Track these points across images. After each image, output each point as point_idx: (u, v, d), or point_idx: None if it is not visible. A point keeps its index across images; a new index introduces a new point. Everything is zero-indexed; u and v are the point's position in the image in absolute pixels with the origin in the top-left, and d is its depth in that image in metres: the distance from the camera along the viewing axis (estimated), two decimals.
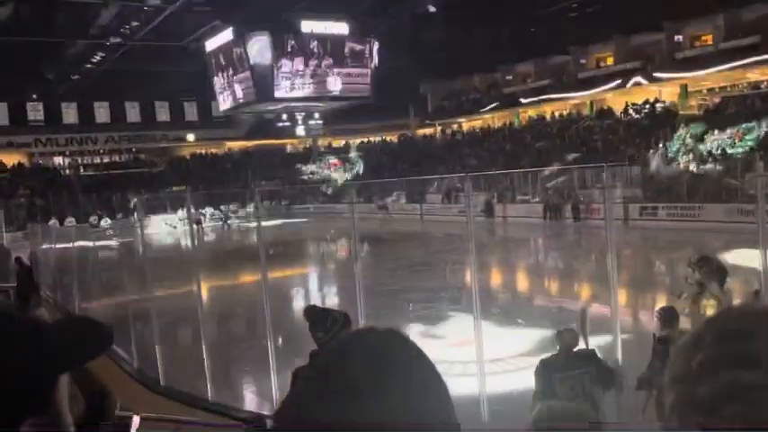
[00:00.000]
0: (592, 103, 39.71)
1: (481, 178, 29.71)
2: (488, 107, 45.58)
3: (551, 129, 39.37)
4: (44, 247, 17.81)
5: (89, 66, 39.64)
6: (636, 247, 18.91)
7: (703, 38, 35.32)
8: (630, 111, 35.96)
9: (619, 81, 36.78)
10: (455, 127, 49.57)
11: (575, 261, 17.99)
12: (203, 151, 52.98)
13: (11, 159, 45.78)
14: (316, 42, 40.50)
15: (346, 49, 41.55)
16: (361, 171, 42.61)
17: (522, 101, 42.65)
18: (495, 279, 15.65)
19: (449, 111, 49.12)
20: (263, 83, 39.44)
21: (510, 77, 45.59)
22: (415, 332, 9.18)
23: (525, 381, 5.42)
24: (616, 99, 37.88)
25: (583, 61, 41.17)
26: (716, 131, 25.68)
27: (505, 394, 6.34)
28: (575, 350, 4.88)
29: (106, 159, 49.77)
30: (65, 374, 0.79)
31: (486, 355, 5.89)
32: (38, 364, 0.74)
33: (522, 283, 16.52)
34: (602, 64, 40.60)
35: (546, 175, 29.55)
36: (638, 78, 35.87)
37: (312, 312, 4.08)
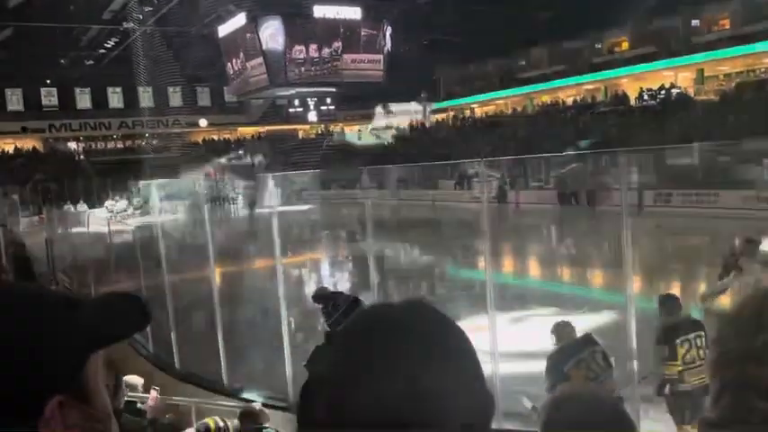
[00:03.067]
0: (606, 89, 39.33)
1: (494, 164, 29.53)
2: (501, 92, 45.29)
3: (565, 114, 39.05)
4: (60, 231, 17.96)
5: (102, 51, 39.76)
6: (650, 233, 18.77)
7: (721, 22, 34.80)
8: (645, 96, 35.57)
9: (634, 66, 36.38)
10: (467, 112, 49.29)
11: (589, 247, 17.89)
12: (216, 136, 53.11)
13: (26, 144, 46.15)
14: (328, 27, 40.33)
15: (359, 34, 41.34)
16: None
17: (536, 86, 42.34)
18: (509, 265, 15.62)
19: (461, 96, 48.83)
20: (275, 68, 39.39)
21: (524, 62, 45.23)
22: None
23: (539, 367, 5.42)
24: (631, 84, 37.47)
25: (598, 46, 40.74)
26: None
27: (518, 379, 6.34)
28: (575, 338, 4.99)
29: (120, 144, 50.11)
30: (98, 351, 0.76)
31: (500, 341, 5.88)
32: (68, 338, 0.73)
33: (535, 268, 16.47)
34: (616, 49, 40.16)
35: (560, 160, 29.33)
36: (654, 63, 35.46)
37: (322, 294, 4.07)
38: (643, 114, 33.17)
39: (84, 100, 47.91)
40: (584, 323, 7.30)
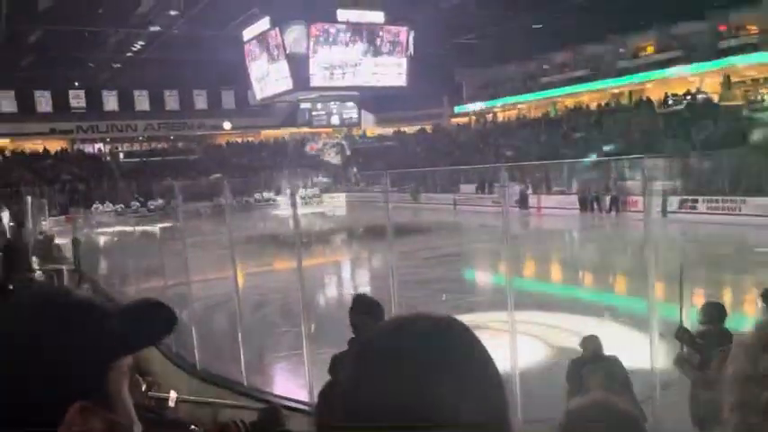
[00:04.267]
0: (630, 93, 38.94)
1: (516, 169, 29.41)
2: (524, 96, 45.07)
3: (589, 119, 38.71)
4: (85, 231, 18.24)
5: (129, 54, 40.33)
6: (674, 240, 18.53)
7: (747, 27, 34.27)
8: (670, 101, 35.12)
9: (658, 70, 35.98)
10: (490, 116, 49.11)
11: (611, 253, 17.71)
12: (239, 139, 53.59)
13: (54, 146, 46.96)
14: (351, 31, 40.48)
15: (382, 38, 41.43)
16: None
17: (559, 90, 42.09)
18: (530, 270, 15.51)
19: (483, 100, 48.68)
20: (298, 72, 39.60)
21: (547, 66, 44.97)
22: None
23: (559, 373, 5.38)
24: (655, 89, 37.04)
25: (622, 50, 40.37)
26: None
27: (538, 387, 6.28)
28: (600, 354, 5.04)
29: (145, 146, 50.79)
30: (123, 358, 0.76)
31: (520, 348, 5.84)
32: (91, 345, 0.73)
33: (557, 274, 16.34)
34: (641, 53, 39.74)
35: (582, 165, 29.11)
36: (679, 68, 35.03)
37: (365, 301, 3.96)
38: (668, 119, 32.78)
39: (111, 102, 48.66)
40: (604, 329, 7.23)
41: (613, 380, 4.68)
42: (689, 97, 34.36)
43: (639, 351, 5.20)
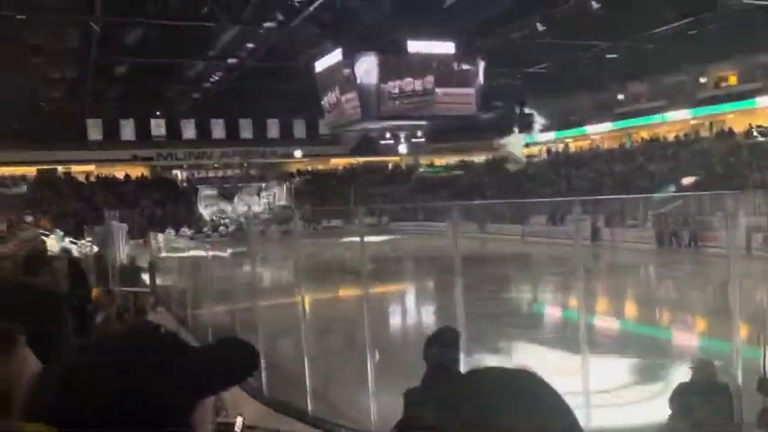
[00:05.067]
0: (711, 124, 37.52)
1: (588, 201, 28.71)
2: (597, 127, 44.17)
3: (665, 150, 37.51)
4: (162, 254, 18.95)
5: (207, 85, 42.07)
6: (760, 279, 17.55)
7: None
8: (755, 132, 33.61)
9: (743, 101, 34.58)
10: (561, 147, 48.32)
11: (690, 291, 16.93)
12: (309, 167, 54.74)
13: (136, 171, 49.34)
14: (422, 62, 40.89)
15: (452, 69, 41.63)
16: None
17: (634, 121, 41.03)
18: (602, 306, 15.00)
19: (555, 130, 48.00)
20: (368, 102, 40.20)
21: (621, 96, 44.00)
22: (517, 359, 8.95)
23: (633, 414, 5.15)
24: (738, 120, 35.56)
25: (703, 80, 39.05)
26: None
27: (612, 428, 6.02)
28: (712, 381, 4.75)
29: (220, 173, 52.61)
30: (206, 398, 0.77)
31: (592, 386, 5.63)
32: (175, 386, 0.74)
33: (631, 311, 15.75)
34: (722, 84, 38.33)
35: (659, 199, 28.14)
36: (764, 98, 33.56)
37: (453, 338, 3.83)
38: (753, 151, 31.37)
39: (189, 130, 50.75)
40: (677, 372, 6.88)
41: (725, 415, 4.39)
42: None
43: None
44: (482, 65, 41.66)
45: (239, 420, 5.89)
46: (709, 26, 28.02)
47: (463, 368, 3.50)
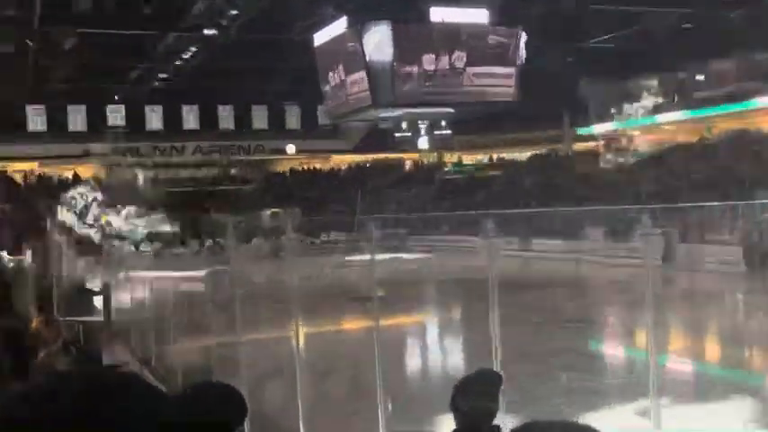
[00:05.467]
0: None
1: (659, 211, 28.61)
2: (670, 116, 44.07)
3: (759, 146, 37.33)
4: (118, 275, 19.08)
5: (178, 62, 42.06)
6: None
7: None
8: None
9: None
10: (624, 141, 48.22)
11: None
12: (305, 166, 54.95)
13: (87, 171, 49.53)
14: (448, 34, 40.95)
15: (486, 43, 41.66)
16: None
17: (718, 108, 40.88)
18: (677, 343, 14.96)
19: (616, 120, 47.92)
20: (380, 84, 40.26)
21: (701, 77, 43.87)
22: (572, 410, 8.93)
23: None
24: None
25: None
26: None
27: None
28: None
29: (195, 173, 52.64)
30: None
31: None
32: None
33: (713, 349, 15.67)
34: None
35: (750, 209, 28.07)
36: None
37: (488, 379, 3.78)
38: None
39: (154, 119, 51.15)
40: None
41: None
42: None
43: None
44: (523, 38, 41.69)
45: None
46: None
47: (502, 423, 3.49)
